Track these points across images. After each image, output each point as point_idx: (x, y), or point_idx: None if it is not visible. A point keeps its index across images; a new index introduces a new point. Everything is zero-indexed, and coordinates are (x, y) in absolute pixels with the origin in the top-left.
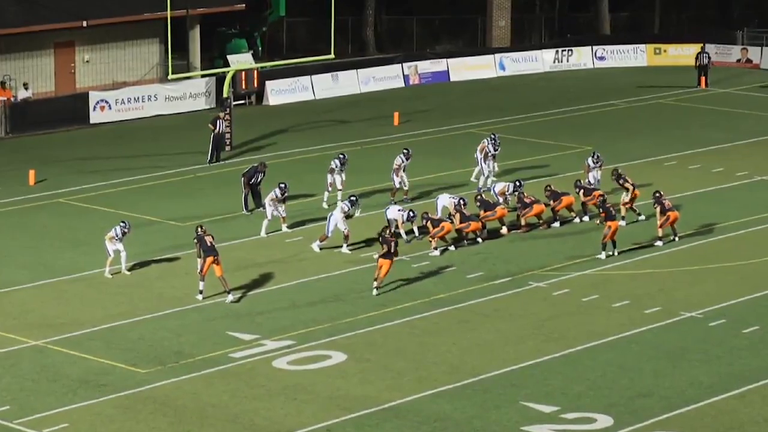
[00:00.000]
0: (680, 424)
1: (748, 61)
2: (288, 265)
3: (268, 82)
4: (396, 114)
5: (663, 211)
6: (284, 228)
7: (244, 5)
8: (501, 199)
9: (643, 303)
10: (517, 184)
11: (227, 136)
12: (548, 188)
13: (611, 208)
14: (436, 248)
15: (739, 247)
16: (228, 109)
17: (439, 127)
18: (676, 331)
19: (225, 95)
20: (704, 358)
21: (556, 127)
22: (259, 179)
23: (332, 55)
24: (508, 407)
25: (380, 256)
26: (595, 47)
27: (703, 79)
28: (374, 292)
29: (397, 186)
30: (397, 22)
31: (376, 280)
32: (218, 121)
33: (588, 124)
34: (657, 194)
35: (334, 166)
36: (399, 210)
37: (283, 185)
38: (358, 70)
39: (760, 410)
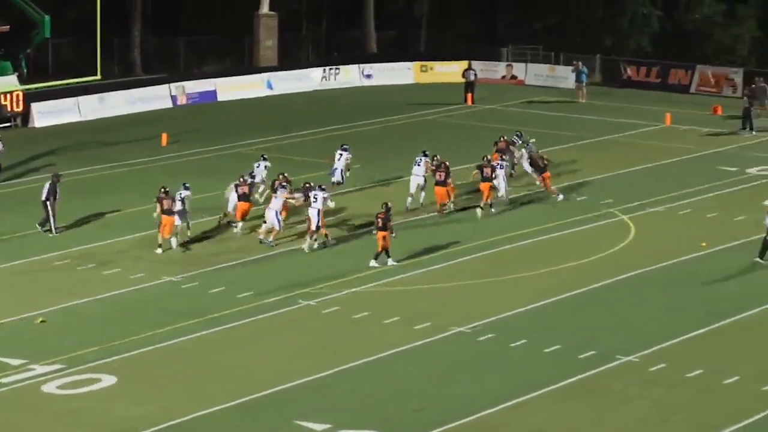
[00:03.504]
0: None
1: (513, 77)
2: (58, 287)
3: (33, 104)
4: (164, 135)
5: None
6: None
7: (8, 27)
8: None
9: (414, 319)
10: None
11: None
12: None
13: (382, 218)
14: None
15: (510, 261)
16: None
17: (207, 147)
18: (447, 347)
19: None
20: (474, 372)
21: (324, 145)
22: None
23: (99, 76)
24: (282, 426)
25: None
26: (362, 65)
27: (469, 95)
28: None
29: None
30: (164, 42)
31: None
32: None
33: (357, 141)
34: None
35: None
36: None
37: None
38: (125, 91)
39: (532, 421)
